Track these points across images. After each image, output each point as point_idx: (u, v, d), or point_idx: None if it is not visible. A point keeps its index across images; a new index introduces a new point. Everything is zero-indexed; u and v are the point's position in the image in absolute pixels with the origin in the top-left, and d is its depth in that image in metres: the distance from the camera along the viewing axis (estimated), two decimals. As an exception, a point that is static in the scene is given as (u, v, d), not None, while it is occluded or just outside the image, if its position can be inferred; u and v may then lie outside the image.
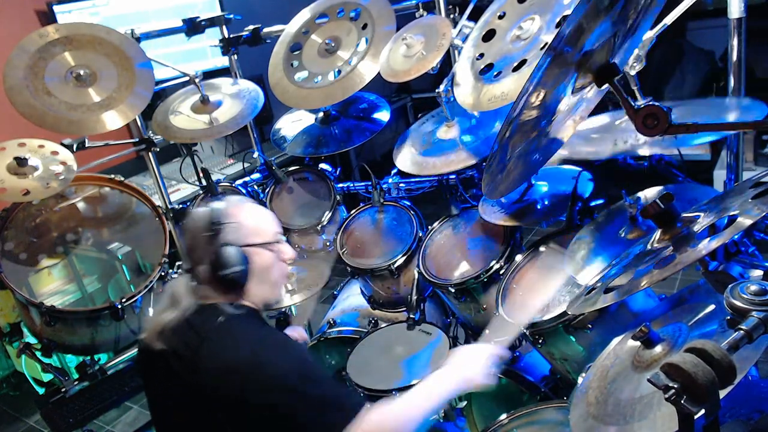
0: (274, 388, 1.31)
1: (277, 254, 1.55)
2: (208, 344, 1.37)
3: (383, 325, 2.30)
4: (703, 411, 0.76)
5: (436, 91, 2.05)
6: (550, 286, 1.69)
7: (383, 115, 2.57)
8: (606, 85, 1.15)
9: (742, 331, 0.79)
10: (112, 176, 2.36)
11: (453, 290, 2.04)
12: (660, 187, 1.72)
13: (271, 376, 1.32)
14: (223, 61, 3.29)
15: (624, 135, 1.60)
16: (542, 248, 1.96)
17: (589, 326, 1.61)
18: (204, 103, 2.42)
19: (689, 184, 1.79)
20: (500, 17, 1.84)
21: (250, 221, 1.51)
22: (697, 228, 1.09)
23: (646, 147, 1.54)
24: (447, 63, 2.11)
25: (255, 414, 1.31)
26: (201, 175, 2.56)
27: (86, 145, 2.30)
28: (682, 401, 0.74)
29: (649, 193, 1.73)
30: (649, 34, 1.33)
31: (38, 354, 2.17)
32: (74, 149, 2.25)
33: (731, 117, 1.51)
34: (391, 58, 2.13)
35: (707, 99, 1.62)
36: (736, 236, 1.32)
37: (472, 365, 1.45)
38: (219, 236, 1.44)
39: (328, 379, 1.39)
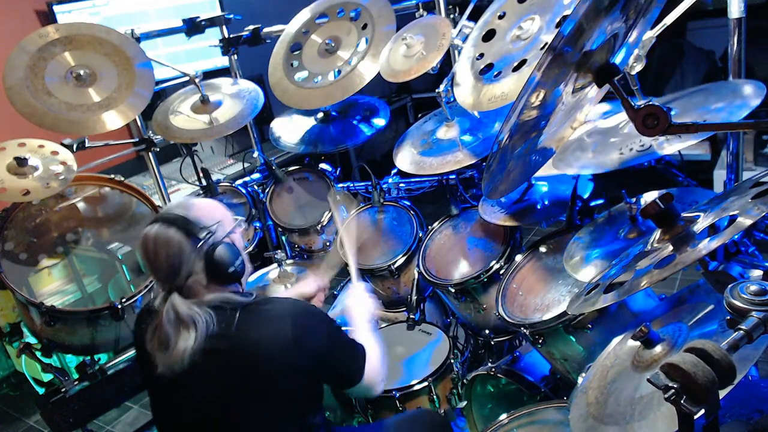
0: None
1: (242, 231, 1.54)
2: (248, 326, 1.37)
3: (383, 325, 2.30)
4: (703, 411, 0.75)
5: (436, 91, 2.05)
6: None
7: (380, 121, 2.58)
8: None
9: (742, 331, 0.79)
10: (112, 176, 2.36)
11: (453, 290, 2.04)
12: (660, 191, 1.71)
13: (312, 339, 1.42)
14: (223, 61, 3.29)
15: (628, 141, 1.58)
16: (542, 248, 1.96)
17: (589, 326, 1.61)
18: (204, 103, 2.42)
19: (690, 187, 1.79)
20: (500, 17, 1.84)
21: (217, 213, 1.46)
22: (697, 227, 1.09)
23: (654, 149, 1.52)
24: (447, 63, 2.11)
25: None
26: (201, 175, 2.57)
27: (86, 145, 2.30)
28: (682, 401, 0.74)
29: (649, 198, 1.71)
30: (649, 34, 1.33)
31: (38, 354, 2.17)
32: (74, 149, 2.25)
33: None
34: (391, 58, 2.13)
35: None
36: (736, 236, 1.32)
37: (364, 303, 1.79)
38: (207, 241, 1.38)
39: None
